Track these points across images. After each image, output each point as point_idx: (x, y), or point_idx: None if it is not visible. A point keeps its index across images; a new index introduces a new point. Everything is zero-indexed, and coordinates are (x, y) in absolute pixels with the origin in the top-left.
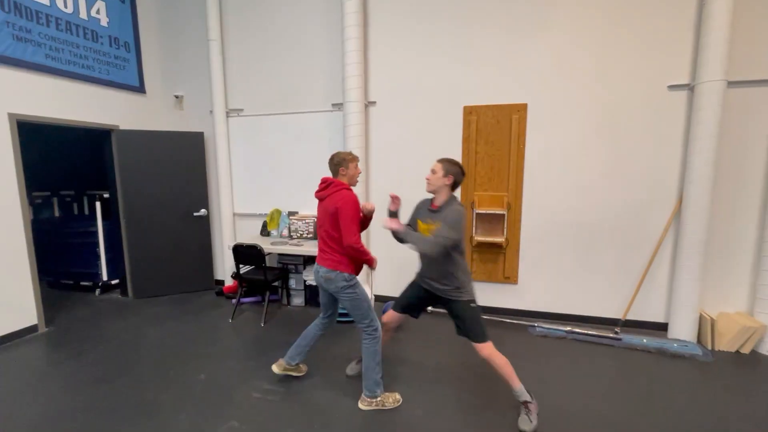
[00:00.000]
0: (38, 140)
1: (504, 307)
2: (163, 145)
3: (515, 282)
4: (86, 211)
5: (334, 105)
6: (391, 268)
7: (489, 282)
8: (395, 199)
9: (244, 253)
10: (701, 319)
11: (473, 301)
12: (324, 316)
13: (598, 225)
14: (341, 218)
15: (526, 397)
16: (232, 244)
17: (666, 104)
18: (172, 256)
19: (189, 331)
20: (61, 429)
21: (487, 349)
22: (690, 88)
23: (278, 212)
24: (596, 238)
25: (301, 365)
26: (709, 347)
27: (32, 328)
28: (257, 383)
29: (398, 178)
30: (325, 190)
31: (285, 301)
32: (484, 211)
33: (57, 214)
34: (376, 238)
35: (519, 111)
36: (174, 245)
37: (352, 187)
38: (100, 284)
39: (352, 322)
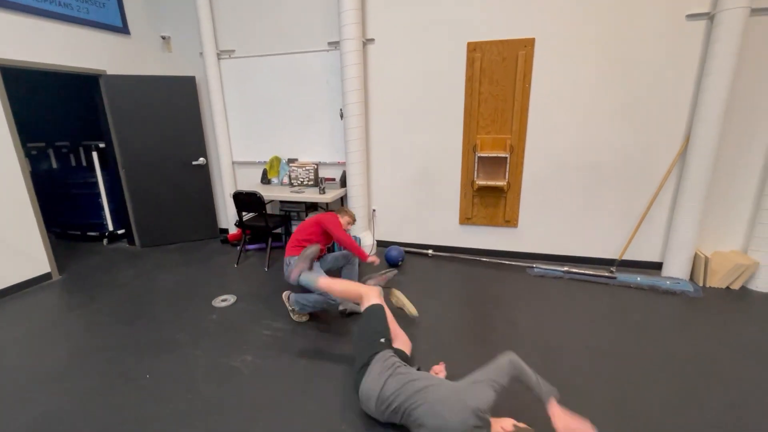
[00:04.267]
0: (28, 90)
1: (504, 249)
2: (154, 90)
3: (515, 225)
4: (84, 162)
5: (330, 44)
6: (392, 215)
7: (489, 226)
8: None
9: (244, 200)
10: (696, 258)
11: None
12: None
13: (602, 167)
14: (328, 226)
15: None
16: (232, 192)
17: (683, 37)
18: (174, 205)
19: (198, 275)
20: (88, 364)
21: (321, 282)
22: (710, 17)
23: (278, 160)
24: (599, 181)
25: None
26: (701, 284)
27: (46, 276)
28: (266, 322)
29: (398, 121)
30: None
31: None
32: (486, 155)
33: (55, 165)
34: (377, 187)
35: (526, 47)
36: (176, 195)
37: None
38: (107, 234)
39: None
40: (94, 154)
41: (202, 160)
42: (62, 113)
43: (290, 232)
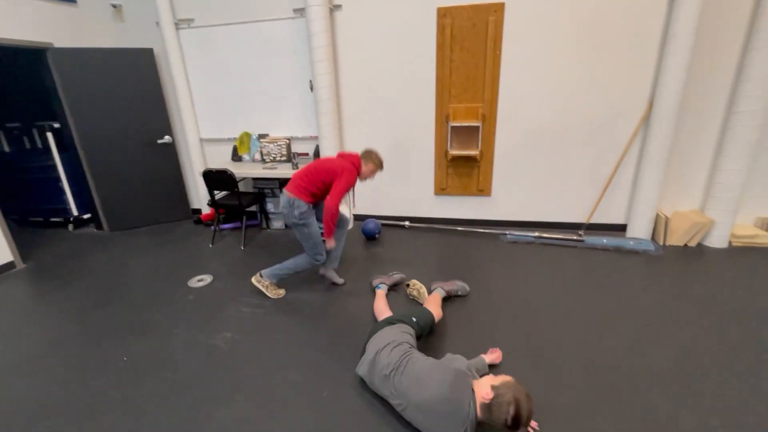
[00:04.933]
0: None
1: (478, 218)
2: (109, 64)
3: (489, 194)
4: (39, 145)
5: (296, 11)
6: (368, 188)
7: (463, 195)
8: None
9: (215, 178)
10: (657, 219)
11: None
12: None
13: (571, 134)
14: (337, 182)
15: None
16: (202, 171)
17: (649, 1)
18: (142, 186)
19: (172, 257)
20: (63, 350)
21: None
22: None
23: (248, 135)
24: (568, 148)
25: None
26: (662, 243)
27: (9, 265)
28: (245, 299)
29: (370, 92)
30: (337, 155)
31: (264, 225)
32: (459, 124)
33: (7, 149)
34: None
35: (496, 11)
36: (142, 175)
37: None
38: (71, 219)
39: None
40: (49, 135)
41: (167, 138)
42: (10, 92)
43: (265, 210)
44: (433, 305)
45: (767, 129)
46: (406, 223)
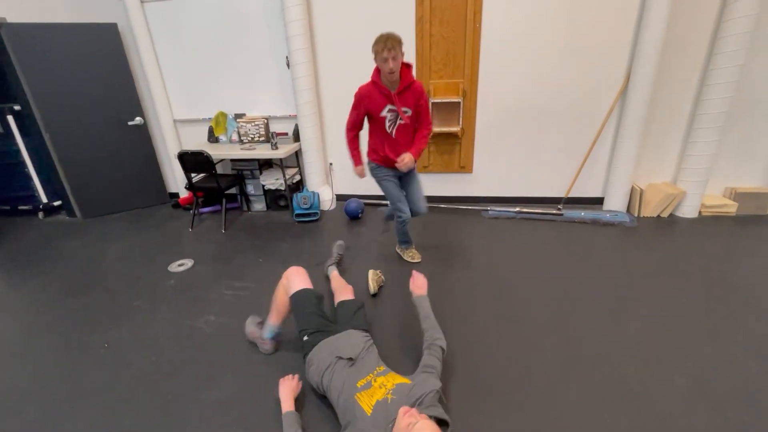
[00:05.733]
0: None
1: (460, 195)
2: (69, 41)
3: (470, 171)
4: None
5: None
6: (350, 168)
7: (445, 173)
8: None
9: (191, 161)
10: (632, 191)
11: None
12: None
13: (550, 109)
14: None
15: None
16: (177, 153)
17: None
18: (115, 171)
19: (150, 242)
20: (41, 339)
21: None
22: None
23: (223, 116)
24: (547, 123)
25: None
26: (636, 215)
27: None
28: (227, 282)
29: (349, 68)
30: None
31: (245, 207)
32: (440, 100)
33: None
34: (333, 140)
35: None
36: (114, 159)
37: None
38: (41, 207)
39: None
40: (10, 119)
41: (138, 119)
42: None
43: (245, 192)
44: (346, 292)
45: (737, 101)
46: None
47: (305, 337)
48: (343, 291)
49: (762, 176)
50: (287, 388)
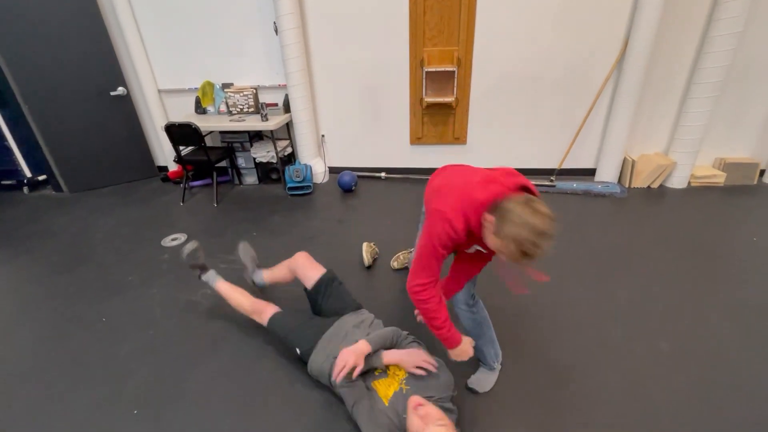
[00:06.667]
0: None
1: None
2: (44, 6)
3: (464, 142)
4: None
5: None
6: (342, 139)
7: (440, 144)
8: None
9: (178, 133)
10: (624, 162)
11: None
12: None
13: (546, 78)
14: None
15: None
16: (164, 125)
17: None
18: (100, 143)
19: (141, 217)
20: (35, 314)
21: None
22: None
23: (210, 86)
24: (543, 92)
25: None
26: (627, 186)
27: None
28: (222, 256)
29: (340, 35)
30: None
31: (236, 181)
32: (433, 69)
33: None
34: (324, 111)
35: None
36: (98, 131)
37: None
38: (25, 181)
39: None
40: None
41: (121, 90)
42: None
43: (236, 165)
44: (307, 271)
45: (732, 71)
46: (383, 174)
47: (298, 351)
48: (303, 270)
49: (751, 147)
50: None
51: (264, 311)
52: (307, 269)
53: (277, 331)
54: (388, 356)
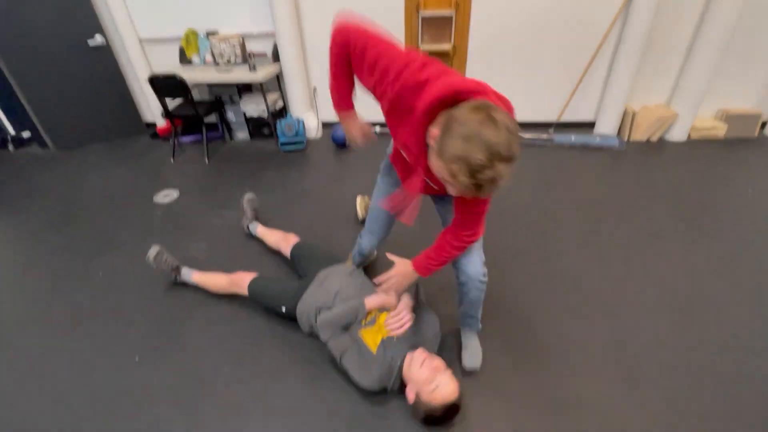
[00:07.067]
0: None
1: None
2: None
3: None
4: None
5: None
6: None
7: None
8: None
9: (163, 85)
10: (625, 114)
11: None
12: None
13: (548, 24)
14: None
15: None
16: (148, 77)
17: None
18: (83, 97)
19: (131, 174)
20: (33, 270)
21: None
22: None
23: (194, 34)
24: (544, 40)
25: None
26: (626, 138)
27: None
28: (215, 211)
29: None
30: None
31: (227, 136)
32: (430, 14)
33: None
34: (315, 60)
35: None
36: (80, 84)
37: None
38: (9, 139)
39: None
40: None
41: (99, 39)
42: None
43: (226, 120)
44: (289, 239)
45: (742, 17)
46: (377, 128)
47: (283, 309)
48: (285, 240)
49: (755, 97)
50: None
51: (242, 279)
52: (287, 240)
53: (259, 294)
54: (370, 302)
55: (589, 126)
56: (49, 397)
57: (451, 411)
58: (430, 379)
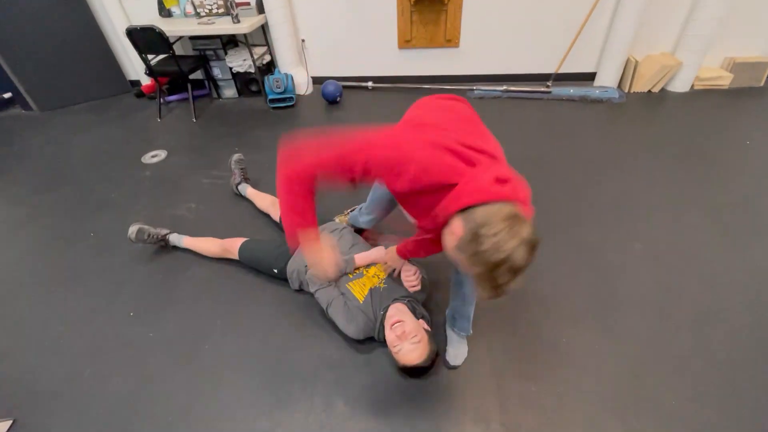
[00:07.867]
0: None
1: (445, 74)
2: None
3: (457, 45)
4: None
5: None
6: (325, 44)
7: (430, 48)
8: None
9: (142, 38)
10: (627, 64)
11: None
12: None
13: None
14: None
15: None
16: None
17: None
18: (62, 54)
19: (118, 134)
20: (22, 232)
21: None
22: None
23: None
24: None
25: None
26: (627, 90)
27: None
28: (204, 171)
29: None
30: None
31: (215, 94)
32: None
33: None
34: (303, 10)
35: None
36: (56, 40)
37: None
38: None
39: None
40: None
41: None
42: None
43: (212, 76)
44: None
45: None
46: (370, 83)
47: (275, 271)
48: (275, 207)
49: (765, 44)
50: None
51: (233, 244)
52: (276, 206)
53: (250, 259)
54: (360, 259)
55: (590, 77)
56: (48, 350)
57: (415, 371)
58: (394, 343)
